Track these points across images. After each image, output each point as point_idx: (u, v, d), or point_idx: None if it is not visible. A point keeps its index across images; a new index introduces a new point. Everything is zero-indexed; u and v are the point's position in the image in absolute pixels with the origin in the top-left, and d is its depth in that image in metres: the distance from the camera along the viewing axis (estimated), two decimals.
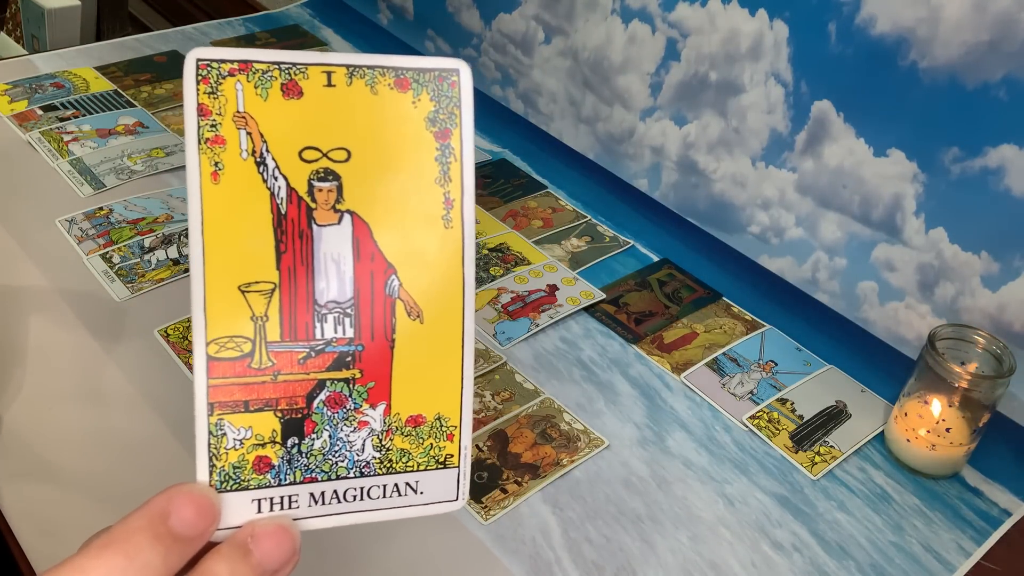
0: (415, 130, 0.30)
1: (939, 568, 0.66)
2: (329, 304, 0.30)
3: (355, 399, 0.31)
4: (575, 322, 0.84)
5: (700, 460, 0.72)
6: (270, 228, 0.29)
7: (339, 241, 0.30)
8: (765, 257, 0.93)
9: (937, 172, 0.78)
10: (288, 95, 0.29)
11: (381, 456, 0.32)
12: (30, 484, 0.63)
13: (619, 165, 1.04)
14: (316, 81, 0.29)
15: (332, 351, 0.30)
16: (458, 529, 0.64)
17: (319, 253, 0.30)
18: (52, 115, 1.01)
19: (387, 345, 0.31)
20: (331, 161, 0.29)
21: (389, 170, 0.30)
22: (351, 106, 0.29)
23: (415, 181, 0.30)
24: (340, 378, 0.31)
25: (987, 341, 0.72)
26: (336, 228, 0.30)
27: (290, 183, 0.29)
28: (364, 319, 0.30)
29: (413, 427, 0.32)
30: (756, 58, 0.88)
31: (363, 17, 1.32)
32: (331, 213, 0.30)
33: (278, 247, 0.29)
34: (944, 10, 0.74)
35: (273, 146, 0.29)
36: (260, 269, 0.29)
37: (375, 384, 0.31)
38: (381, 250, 0.30)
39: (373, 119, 0.30)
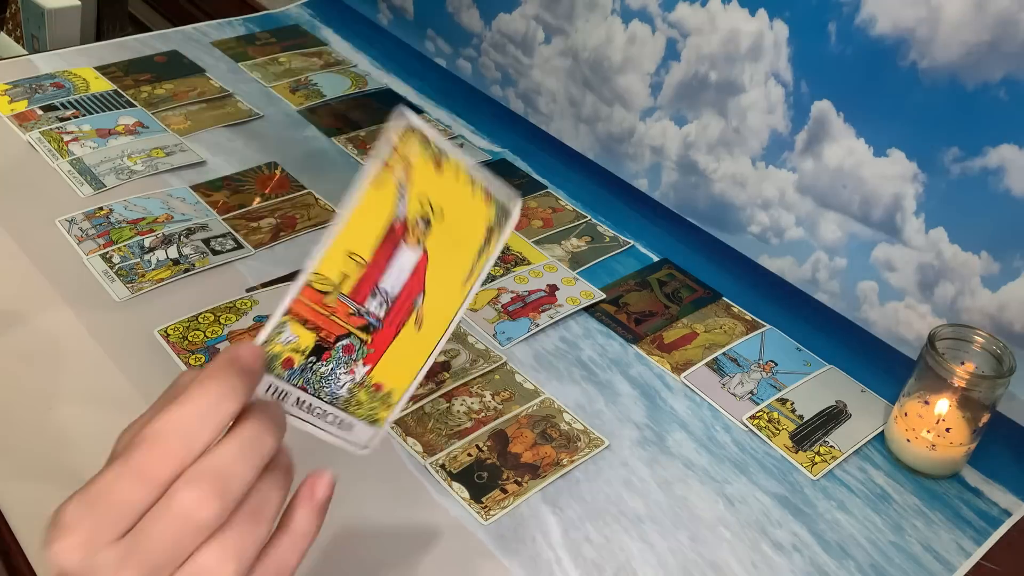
0: (478, 225, 0.45)
1: (939, 568, 0.66)
2: (383, 291, 0.42)
3: (359, 354, 0.43)
4: (575, 322, 0.84)
5: (700, 460, 0.72)
6: (383, 230, 0.42)
7: (409, 261, 0.43)
8: (765, 257, 0.93)
9: (937, 172, 0.78)
10: (434, 166, 0.43)
11: (347, 397, 0.43)
12: (30, 484, 0.63)
13: (619, 165, 1.04)
14: (451, 167, 0.44)
15: (366, 319, 0.42)
16: (458, 529, 0.64)
17: (396, 260, 0.43)
18: (52, 115, 1.01)
19: (393, 332, 0.43)
20: (432, 212, 0.43)
21: (455, 237, 0.44)
22: (461, 193, 0.44)
23: (463, 252, 0.45)
24: (360, 337, 0.43)
25: (987, 341, 0.72)
26: (412, 252, 0.43)
27: (407, 213, 0.43)
28: (392, 311, 0.43)
29: (375, 390, 0.44)
30: (756, 58, 0.88)
31: (363, 17, 1.32)
32: (415, 242, 0.43)
33: (380, 242, 0.42)
34: (944, 10, 0.74)
35: (410, 187, 0.42)
36: (364, 249, 0.42)
37: (374, 352, 0.43)
38: (425, 278, 0.44)
39: (465, 206, 0.44)
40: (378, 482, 0.66)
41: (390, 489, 0.66)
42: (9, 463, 0.64)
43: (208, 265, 0.84)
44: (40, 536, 0.57)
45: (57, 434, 0.66)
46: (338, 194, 0.95)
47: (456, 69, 1.21)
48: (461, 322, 0.78)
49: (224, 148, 1.01)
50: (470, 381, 0.76)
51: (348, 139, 1.06)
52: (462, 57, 1.20)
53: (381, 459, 0.68)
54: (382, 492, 0.66)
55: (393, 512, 0.65)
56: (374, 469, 0.67)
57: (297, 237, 0.89)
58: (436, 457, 0.69)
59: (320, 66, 1.20)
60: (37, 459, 0.65)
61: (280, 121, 1.08)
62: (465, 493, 0.66)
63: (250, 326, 0.77)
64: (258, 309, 0.79)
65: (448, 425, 0.71)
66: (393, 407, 0.44)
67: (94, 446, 0.65)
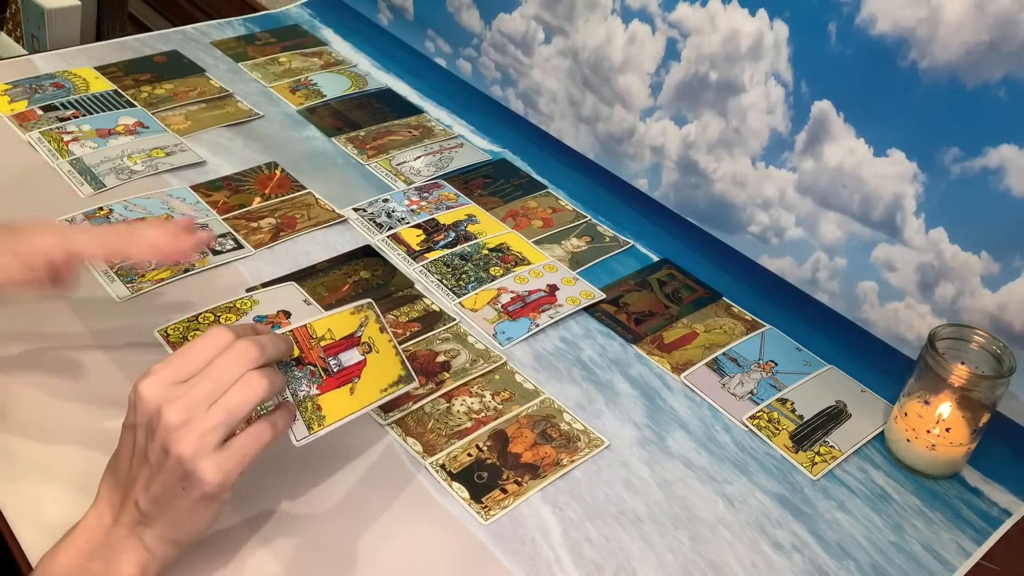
0: (391, 373, 0.67)
1: (939, 568, 0.66)
2: (339, 360, 0.63)
3: (316, 380, 0.61)
4: (575, 322, 0.84)
5: (700, 460, 0.72)
6: (347, 334, 0.65)
7: (355, 357, 0.64)
8: (765, 257, 0.93)
9: (937, 172, 0.78)
10: (379, 330, 0.67)
11: (301, 399, 0.60)
12: (30, 484, 0.63)
13: (619, 165, 1.04)
14: (388, 336, 0.68)
15: (327, 364, 0.63)
16: (458, 529, 0.64)
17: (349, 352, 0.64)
18: (52, 115, 1.01)
19: (336, 385, 0.62)
20: (371, 349, 0.66)
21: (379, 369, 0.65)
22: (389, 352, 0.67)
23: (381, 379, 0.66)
24: (320, 372, 0.62)
25: (987, 341, 0.72)
26: (358, 354, 0.65)
27: (361, 336, 0.66)
28: (340, 374, 0.63)
29: (316, 408, 0.61)
30: (756, 58, 0.88)
31: (363, 17, 1.32)
32: (361, 353, 0.65)
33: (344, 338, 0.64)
34: (944, 10, 0.74)
35: (365, 330, 0.66)
36: (337, 334, 0.64)
37: (323, 386, 0.62)
38: (361, 373, 0.64)
39: (389, 359, 0.67)
40: (378, 482, 0.66)
41: (390, 489, 0.66)
42: (9, 463, 0.64)
43: (208, 265, 0.84)
44: (40, 536, 0.57)
45: (57, 434, 0.66)
46: (338, 194, 0.96)
47: (456, 69, 1.21)
48: (461, 323, 0.80)
49: (224, 148, 1.01)
50: (470, 381, 0.76)
51: (348, 139, 1.06)
52: (462, 57, 1.20)
53: (381, 459, 0.68)
54: (382, 492, 0.66)
55: (393, 512, 0.65)
56: (374, 469, 0.67)
57: (297, 237, 0.89)
58: (436, 457, 0.69)
59: (320, 66, 1.20)
60: (37, 459, 0.65)
61: (280, 121, 1.08)
62: (465, 493, 0.66)
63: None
64: (258, 309, 0.79)
65: (448, 425, 0.71)
66: (322, 427, 0.61)
67: (94, 446, 0.65)
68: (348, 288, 0.84)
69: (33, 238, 0.64)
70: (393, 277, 0.86)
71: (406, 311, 0.82)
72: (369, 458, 0.68)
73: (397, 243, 0.90)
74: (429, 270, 0.87)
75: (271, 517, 0.63)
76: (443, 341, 0.79)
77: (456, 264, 0.88)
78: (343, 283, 0.84)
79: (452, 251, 0.90)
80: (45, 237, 0.65)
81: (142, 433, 0.54)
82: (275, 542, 0.61)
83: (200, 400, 0.53)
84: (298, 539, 0.62)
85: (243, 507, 0.63)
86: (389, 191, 0.98)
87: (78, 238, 0.65)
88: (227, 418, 0.54)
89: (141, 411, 0.54)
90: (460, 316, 0.82)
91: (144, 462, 0.54)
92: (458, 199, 0.98)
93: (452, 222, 0.94)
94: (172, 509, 0.54)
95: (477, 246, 0.91)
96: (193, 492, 0.53)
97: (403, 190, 0.98)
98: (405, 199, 0.97)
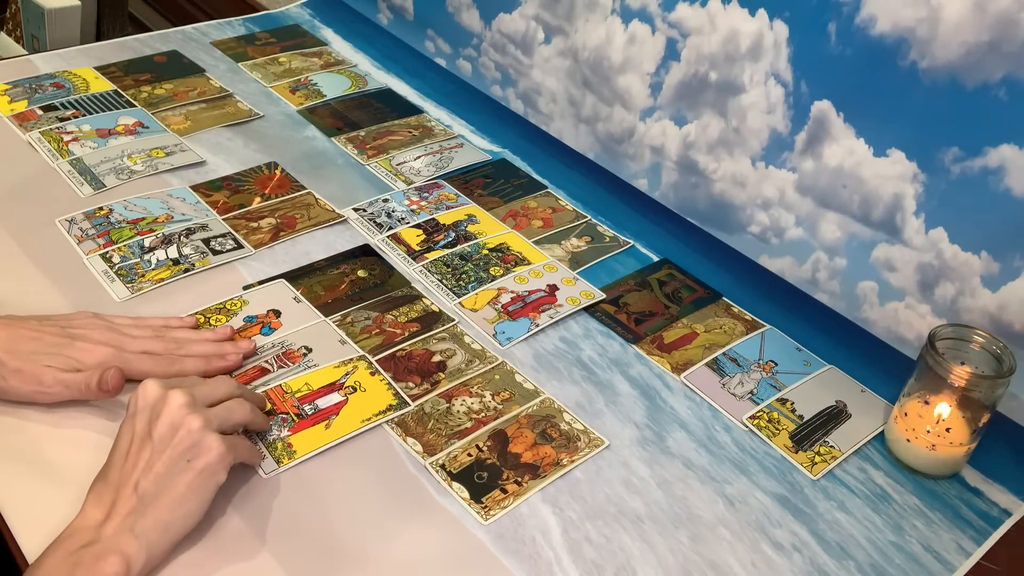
0: (372, 410, 0.72)
1: (939, 568, 0.66)
2: (316, 404, 0.71)
3: (288, 424, 0.69)
4: (575, 322, 0.84)
5: (700, 460, 0.72)
6: (331, 382, 0.74)
7: (336, 399, 0.72)
8: (765, 257, 0.93)
9: (937, 172, 0.78)
10: (370, 374, 0.75)
11: (271, 441, 0.68)
12: (30, 484, 0.63)
13: (619, 165, 1.04)
14: (380, 378, 0.75)
15: (301, 411, 0.71)
16: (458, 529, 0.64)
17: (329, 395, 0.73)
18: (52, 115, 1.01)
19: (310, 424, 0.70)
20: (356, 389, 0.73)
21: (361, 407, 0.72)
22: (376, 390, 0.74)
23: (362, 414, 0.72)
24: (293, 418, 0.70)
25: (987, 341, 0.72)
26: (339, 396, 0.73)
27: (346, 383, 0.74)
28: (317, 414, 0.70)
29: (288, 446, 0.67)
30: (756, 58, 0.88)
31: (363, 17, 1.32)
32: (343, 394, 0.72)
33: (327, 385, 0.73)
34: (944, 10, 0.74)
35: (350, 377, 0.74)
36: (317, 384, 0.73)
37: (295, 427, 0.69)
38: (340, 411, 0.71)
39: (372, 398, 0.73)
40: (378, 482, 0.66)
41: (390, 489, 0.66)
42: (9, 463, 0.64)
43: (208, 265, 0.84)
44: (37, 535, 0.57)
45: (57, 434, 0.66)
46: (338, 194, 0.96)
47: (456, 69, 1.21)
48: (460, 323, 0.80)
49: (224, 148, 1.01)
50: (470, 381, 0.76)
51: (348, 139, 1.06)
52: (462, 57, 1.20)
53: (381, 459, 0.68)
54: (382, 492, 0.66)
55: (393, 512, 0.65)
56: (374, 469, 0.67)
57: (297, 237, 0.89)
58: (436, 457, 0.69)
59: (320, 66, 1.20)
60: (37, 459, 0.65)
61: (280, 121, 1.08)
62: (465, 493, 0.66)
63: (240, 326, 0.77)
64: (248, 309, 0.79)
65: (448, 425, 0.71)
66: (292, 459, 0.67)
67: (94, 446, 0.65)
68: (345, 287, 0.84)
69: (88, 350, 0.68)
70: (390, 276, 0.86)
71: (405, 311, 0.82)
72: (369, 458, 0.68)
73: (397, 243, 0.90)
74: (429, 270, 0.87)
75: (271, 517, 0.63)
76: (439, 341, 0.79)
77: (456, 264, 0.88)
78: (340, 282, 0.84)
79: (452, 251, 0.90)
80: (100, 349, 0.68)
81: (144, 417, 0.59)
82: (275, 542, 0.61)
83: (201, 396, 0.62)
84: (298, 539, 0.62)
85: (243, 507, 0.62)
86: (389, 191, 0.98)
87: (134, 363, 0.69)
88: (226, 414, 0.62)
89: (145, 398, 0.60)
90: (460, 316, 0.82)
91: (146, 444, 0.58)
92: (458, 199, 0.98)
93: (452, 222, 0.94)
94: (172, 487, 0.57)
95: (477, 246, 0.91)
96: (198, 463, 0.58)
97: (403, 190, 0.98)
98: (405, 199, 0.97)
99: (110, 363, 0.68)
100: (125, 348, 0.70)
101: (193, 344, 0.73)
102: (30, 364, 0.66)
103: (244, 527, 0.62)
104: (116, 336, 0.70)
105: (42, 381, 0.66)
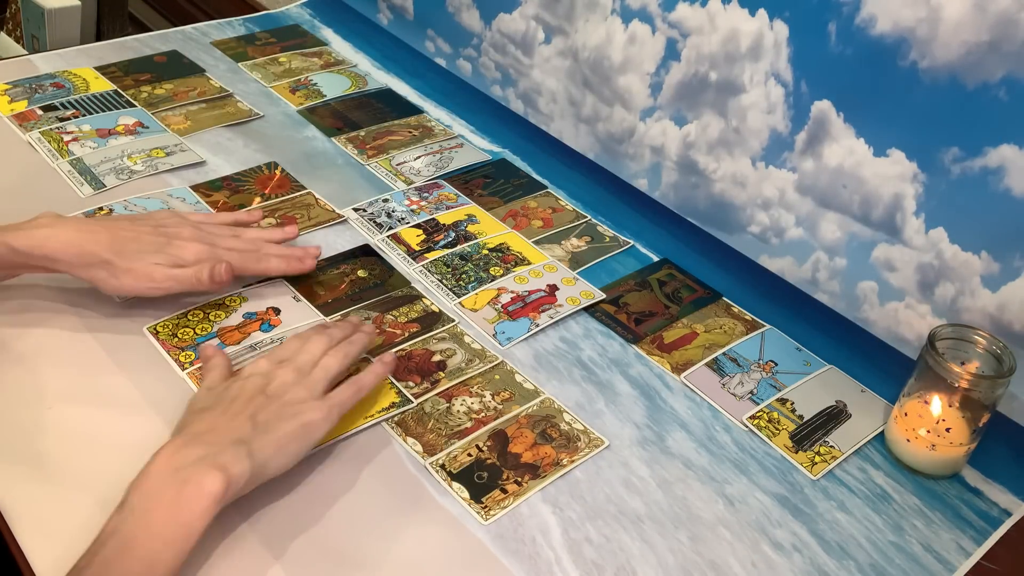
0: (377, 404, 0.73)
1: (939, 568, 0.66)
2: None
3: None
4: (575, 322, 0.84)
5: (700, 460, 0.72)
6: None
7: None
8: (765, 257, 0.93)
9: (937, 172, 0.78)
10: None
11: None
12: (30, 484, 0.63)
13: (619, 165, 1.04)
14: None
15: None
16: (458, 529, 0.64)
17: None
18: (52, 115, 1.01)
19: None
20: None
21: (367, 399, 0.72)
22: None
23: (370, 407, 0.72)
24: None
25: (987, 341, 0.72)
26: None
27: None
28: None
29: None
30: (756, 58, 0.88)
31: (363, 17, 1.32)
32: None
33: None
34: (944, 10, 0.74)
35: None
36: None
37: None
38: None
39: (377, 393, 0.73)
40: (378, 482, 0.66)
41: (390, 489, 0.66)
42: (9, 463, 0.64)
43: None
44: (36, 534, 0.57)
45: (57, 434, 0.66)
46: (338, 194, 0.96)
47: (456, 69, 1.21)
48: (460, 323, 0.80)
49: (224, 148, 1.01)
50: (470, 381, 0.76)
51: (348, 139, 1.06)
52: (462, 57, 1.20)
53: (381, 459, 0.68)
54: (382, 492, 0.66)
55: (393, 512, 0.65)
56: (374, 469, 0.67)
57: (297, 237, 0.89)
58: (436, 457, 0.69)
59: (320, 66, 1.20)
60: (37, 459, 0.65)
61: (280, 121, 1.08)
62: (465, 493, 0.66)
63: (239, 323, 0.77)
64: (247, 306, 0.79)
65: (448, 425, 0.71)
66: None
67: (94, 446, 0.65)
68: (345, 287, 0.84)
69: (184, 247, 0.75)
70: (390, 276, 0.86)
71: (405, 311, 0.82)
72: (369, 458, 0.68)
73: (397, 243, 0.90)
74: (429, 270, 0.87)
75: (271, 517, 0.63)
76: (439, 340, 0.79)
77: (456, 264, 0.88)
78: (340, 282, 0.84)
79: (452, 251, 0.90)
80: (195, 246, 0.76)
81: (260, 379, 0.66)
82: (275, 542, 0.61)
83: (304, 363, 0.68)
84: (298, 539, 0.62)
85: (244, 507, 0.62)
86: (389, 191, 0.98)
87: (226, 259, 0.76)
88: (325, 375, 0.67)
89: (256, 371, 0.67)
90: (460, 316, 0.82)
91: (257, 397, 0.64)
92: (458, 199, 0.98)
93: (452, 222, 0.94)
94: (280, 428, 0.62)
95: (477, 246, 0.91)
96: (303, 417, 0.63)
97: (403, 190, 0.98)
98: (405, 199, 0.97)
99: (208, 259, 0.75)
100: (216, 245, 0.77)
101: (269, 246, 0.82)
102: (139, 263, 0.72)
103: (244, 527, 0.62)
104: (204, 234, 0.78)
105: (153, 277, 0.73)
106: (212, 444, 0.59)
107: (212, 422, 0.61)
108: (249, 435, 0.60)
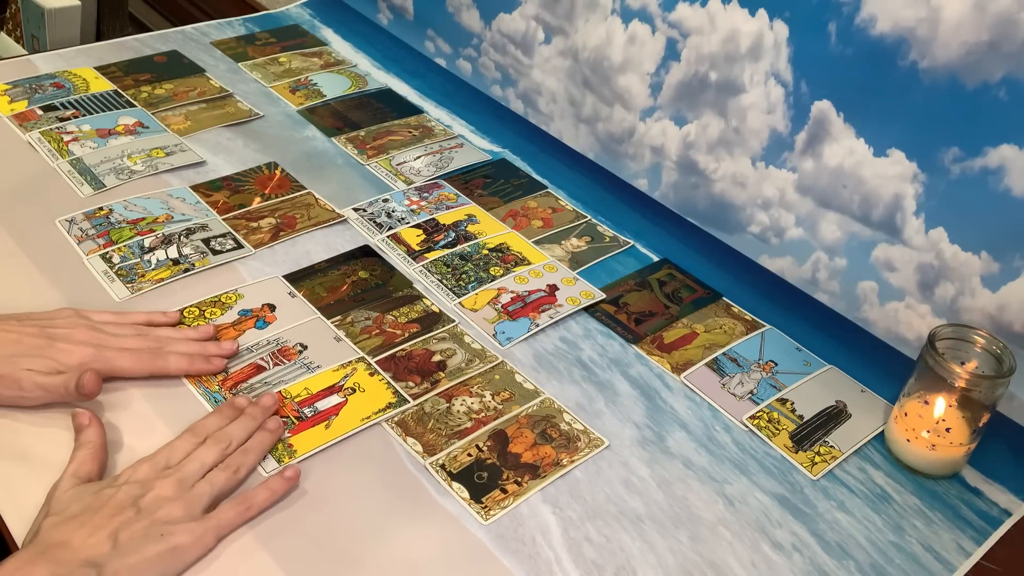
0: (368, 410, 0.72)
1: (939, 568, 0.66)
2: (315, 407, 0.72)
3: (286, 428, 0.69)
4: (575, 322, 0.84)
5: (700, 460, 0.72)
6: (329, 386, 0.74)
7: (335, 401, 0.72)
8: (765, 257, 0.93)
9: (937, 172, 0.78)
10: (369, 375, 0.76)
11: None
12: (30, 484, 0.63)
13: (619, 165, 1.04)
14: (379, 378, 0.75)
15: (300, 414, 0.71)
16: (458, 529, 0.64)
17: (329, 397, 0.72)
18: (52, 115, 1.01)
19: (311, 426, 0.70)
20: (355, 390, 0.74)
21: (361, 406, 0.72)
22: (374, 392, 0.74)
23: (361, 413, 0.72)
24: (293, 420, 0.70)
25: (987, 341, 0.72)
26: (338, 398, 0.73)
27: (345, 385, 0.74)
28: (317, 415, 0.71)
29: (289, 446, 0.68)
30: (756, 58, 0.88)
31: (363, 17, 1.32)
32: (342, 396, 0.73)
33: (326, 388, 0.74)
34: (944, 10, 0.74)
35: (349, 379, 0.75)
36: (316, 388, 0.74)
37: (295, 429, 0.69)
38: (339, 412, 0.72)
39: (370, 399, 0.73)
40: (378, 482, 0.66)
41: (390, 489, 0.66)
42: (9, 463, 0.64)
43: (208, 265, 0.84)
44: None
45: (57, 434, 0.66)
46: (338, 194, 0.96)
47: (456, 69, 1.21)
48: (460, 323, 0.81)
49: (224, 148, 1.01)
50: (470, 380, 0.76)
51: (348, 139, 1.06)
52: (462, 57, 1.20)
53: (381, 459, 0.68)
54: (382, 492, 0.66)
55: (393, 512, 0.65)
56: (374, 469, 0.67)
57: (297, 237, 0.89)
58: (436, 457, 0.69)
59: (320, 66, 1.20)
60: (37, 459, 0.65)
61: (280, 121, 1.08)
62: (465, 493, 0.66)
63: (235, 320, 0.78)
64: (243, 303, 0.79)
65: (448, 425, 0.71)
66: (292, 458, 0.67)
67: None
68: (347, 288, 0.84)
69: (69, 351, 0.67)
70: (392, 277, 0.86)
71: (405, 311, 0.82)
72: (369, 458, 0.68)
73: (397, 243, 0.90)
74: (429, 270, 0.87)
75: (271, 517, 0.63)
76: (440, 341, 0.79)
77: (456, 264, 0.88)
78: (342, 283, 0.84)
79: (452, 251, 0.90)
80: (81, 350, 0.68)
81: (136, 488, 0.60)
82: (275, 542, 0.61)
83: (188, 475, 0.61)
84: (298, 539, 0.62)
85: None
86: (389, 191, 0.98)
87: (116, 361, 0.69)
88: (209, 490, 0.61)
89: (133, 477, 0.61)
90: (460, 316, 0.82)
91: (131, 507, 0.58)
92: (458, 199, 0.98)
93: (452, 222, 0.94)
94: (143, 550, 0.56)
95: (477, 246, 0.91)
96: (172, 540, 0.58)
97: (403, 190, 0.98)
98: (405, 199, 0.97)
99: (91, 363, 0.67)
100: (106, 346, 0.69)
101: (176, 343, 0.72)
102: (10, 368, 0.65)
103: (243, 527, 0.62)
104: (97, 335, 0.69)
105: (22, 386, 0.65)
106: (60, 563, 0.54)
107: (68, 534, 0.56)
108: (105, 557, 0.55)
